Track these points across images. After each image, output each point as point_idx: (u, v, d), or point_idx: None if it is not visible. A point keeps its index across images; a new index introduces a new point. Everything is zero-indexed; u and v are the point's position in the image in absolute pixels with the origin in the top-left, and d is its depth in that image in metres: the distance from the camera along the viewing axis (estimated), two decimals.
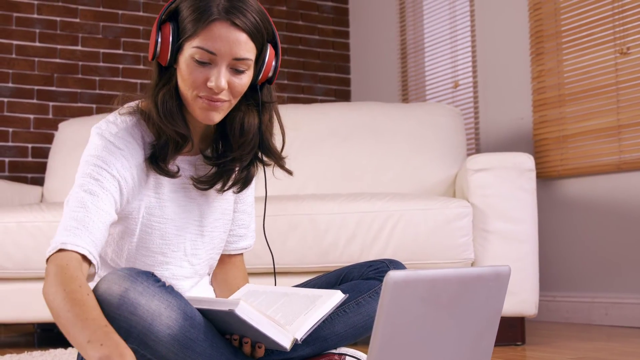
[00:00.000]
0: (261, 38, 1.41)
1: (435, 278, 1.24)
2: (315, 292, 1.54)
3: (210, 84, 1.37)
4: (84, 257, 1.34)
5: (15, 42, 3.89)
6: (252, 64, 1.42)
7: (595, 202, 3.27)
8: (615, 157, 3.17)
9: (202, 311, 1.37)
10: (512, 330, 2.58)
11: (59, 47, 3.99)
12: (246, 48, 1.38)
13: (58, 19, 4.00)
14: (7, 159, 3.84)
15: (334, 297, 1.50)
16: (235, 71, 1.39)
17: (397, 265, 1.70)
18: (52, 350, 2.56)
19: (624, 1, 3.17)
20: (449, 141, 3.19)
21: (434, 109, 3.32)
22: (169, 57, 1.39)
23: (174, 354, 1.32)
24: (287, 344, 1.39)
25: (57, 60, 3.99)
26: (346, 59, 4.72)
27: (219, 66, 1.37)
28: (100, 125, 1.46)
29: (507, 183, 2.57)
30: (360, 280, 1.67)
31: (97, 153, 1.41)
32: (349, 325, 1.62)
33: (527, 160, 2.60)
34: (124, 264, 1.52)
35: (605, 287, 3.20)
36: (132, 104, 1.50)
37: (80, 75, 4.03)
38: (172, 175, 1.47)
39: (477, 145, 3.81)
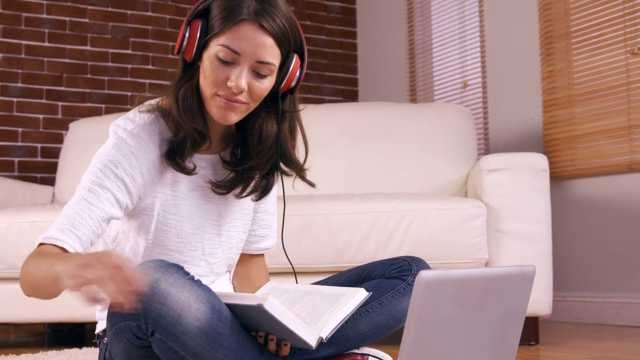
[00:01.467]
0: (287, 45, 1.42)
1: (464, 278, 1.25)
2: (339, 290, 1.54)
3: (230, 84, 1.37)
4: (63, 249, 1.33)
5: (24, 42, 3.90)
6: (275, 69, 1.42)
7: (605, 202, 3.27)
8: (626, 157, 3.18)
9: (229, 306, 1.38)
10: (526, 330, 2.58)
11: (68, 47, 4.00)
12: (271, 53, 1.38)
13: (67, 19, 4.01)
14: (16, 159, 3.85)
15: (358, 295, 1.50)
16: (257, 74, 1.39)
17: (419, 262, 1.69)
18: (66, 350, 2.57)
19: (635, 1, 3.17)
20: (460, 141, 3.19)
21: (445, 109, 3.32)
22: (194, 53, 1.40)
23: (200, 347, 1.32)
24: (313, 342, 1.39)
25: (66, 60, 3.99)
26: (354, 59, 4.72)
27: (241, 67, 1.37)
28: (118, 122, 1.47)
29: (521, 183, 2.58)
30: (383, 280, 1.67)
31: (107, 152, 1.42)
32: (372, 325, 1.62)
33: (540, 161, 2.60)
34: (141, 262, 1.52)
35: (616, 287, 3.21)
36: (153, 101, 1.50)
37: (89, 75, 4.03)
38: (188, 172, 1.47)
39: (486, 145, 3.81)
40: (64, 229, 1.34)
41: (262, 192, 1.55)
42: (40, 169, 3.89)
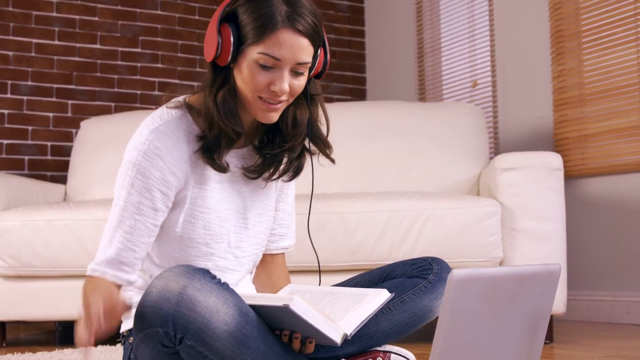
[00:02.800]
0: (318, 39, 1.45)
1: (494, 276, 1.26)
2: (361, 291, 1.55)
3: (274, 88, 1.41)
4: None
5: (34, 41, 3.90)
6: (310, 65, 1.45)
7: (616, 201, 3.28)
8: (637, 156, 3.18)
9: (253, 307, 1.38)
10: None
11: (78, 45, 4.00)
12: (307, 52, 1.42)
13: (77, 17, 4.01)
14: (26, 157, 3.85)
15: (381, 296, 1.51)
16: (295, 73, 1.43)
17: (439, 262, 1.71)
18: (81, 347, 2.57)
19: None
20: (472, 140, 3.20)
21: (457, 108, 3.33)
22: (229, 59, 1.41)
23: (230, 350, 1.33)
24: (338, 338, 1.40)
25: (76, 59, 3.99)
26: (362, 58, 4.73)
27: (282, 70, 1.41)
28: (147, 121, 1.49)
29: (536, 182, 2.58)
30: (404, 279, 1.68)
31: (136, 160, 1.44)
32: (394, 322, 1.64)
33: (555, 160, 2.61)
34: (169, 255, 1.53)
35: (627, 286, 3.21)
36: (180, 98, 1.53)
37: (99, 74, 4.04)
38: (223, 169, 1.49)
39: (496, 144, 3.82)
40: (113, 262, 1.47)
41: (295, 172, 1.60)
42: (50, 167, 3.90)
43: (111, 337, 2.90)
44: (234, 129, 1.45)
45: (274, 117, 1.46)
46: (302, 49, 1.40)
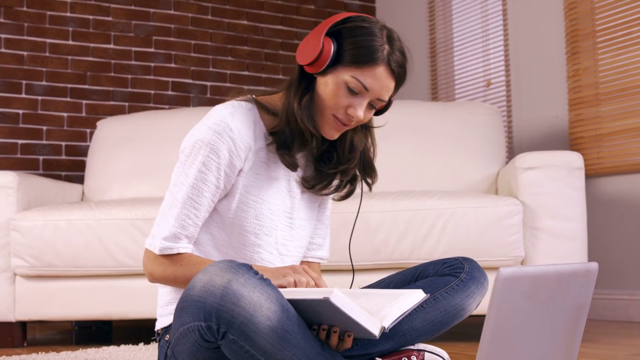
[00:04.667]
0: (400, 86, 1.56)
1: (537, 274, 1.27)
2: (397, 291, 1.56)
3: (352, 112, 1.51)
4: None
5: (48, 41, 3.91)
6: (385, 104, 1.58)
7: (632, 200, 3.29)
8: None
9: (292, 302, 1.39)
10: None
11: (91, 45, 4.01)
12: (389, 93, 1.56)
13: (91, 17, 4.02)
14: (41, 157, 3.86)
15: (416, 295, 1.52)
16: (371, 107, 1.55)
17: (470, 262, 1.73)
18: (105, 348, 2.58)
19: None
20: (489, 140, 3.20)
21: (473, 107, 3.34)
22: (321, 70, 1.51)
23: (271, 345, 1.34)
24: (376, 331, 1.40)
25: (90, 59, 4.00)
26: None
27: (364, 100, 1.52)
28: (218, 108, 1.56)
29: (557, 181, 2.59)
30: (437, 277, 1.70)
31: (212, 140, 1.50)
32: (427, 320, 1.65)
33: (576, 159, 2.61)
34: (222, 240, 1.57)
35: None
36: (247, 96, 1.62)
37: (112, 74, 4.04)
38: (294, 166, 1.57)
39: (510, 143, 3.82)
40: (189, 237, 1.54)
41: (347, 194, 1.69)
42: (65, 167, 3.90)
43: (131, 336, 2.90)
44: (311, 131, 1.53)
45: (336, 135, 1.56)
46: (388, 89, 1.52)
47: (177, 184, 1.53)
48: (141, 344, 2.64)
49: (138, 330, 3.47)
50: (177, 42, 4.21)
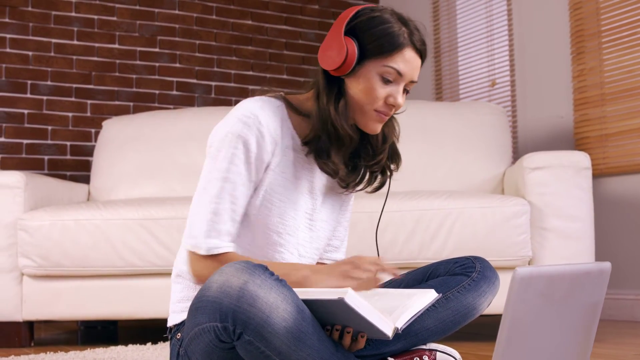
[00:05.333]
0: (424, 60, 1.58)
1: (552, 274, 1.28)
2: (409, 291, 1.56)
3: (391, 101, 1.53)
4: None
5: (53, 41, 3.91)
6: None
7: (637, 200, 3.29)
8: None
9: (305, 302, 1.39)
10: None
11: (96, 45, 4.01)
12: (419, 71, 1.56)
13: (96, 17, 4.02)
14: (46, 157, 3.86)
15: (428, 295, 1.53)
16: (405, 91, 1.56)
17: (482, 261, 1.73)
18: (112, 347, 2.58)
19: None
20: (495, 140, 3.21)
21: (479, 107, 3.34)
22: (349, 71, 1.51)
23: (286, 346, 1.34)
24: (389, 332, 1.41)
25: (95, 59, 4.00)
26: None
27: (399, 85, 1.53)
28: (246, 102, 1.54)
29: (564, 181, 2.60)
30: (448, 277, 1.70)
31: (243, 133, 1.48)
32: (439, 320, 1.65)
33: (583, 159, 2.62)
34: (246, 237, 1.56)
35: None
36: (276, 93, 1.61)
37: (117, 74, 4.05)
38: (335, 173, 1.57)
39: (515, 143, 3.83)
40: (226, 237, 1.50)
41: (379, 186, 1.69)
42: (70, 167, 3.90)
43: (138, 335, 2.90)
44: (350, 135, 1.54)
45: (380, 127, 1.56)
46: (417, 68, 1.55)
47: (211, 180, 1.49)
48: (149, 344, 2.64)
49: (144, 330, 3.47)
50: (182, 42, 4.21)
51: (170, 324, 1.61)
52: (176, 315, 1.60)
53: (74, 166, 3.91)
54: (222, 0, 4.34)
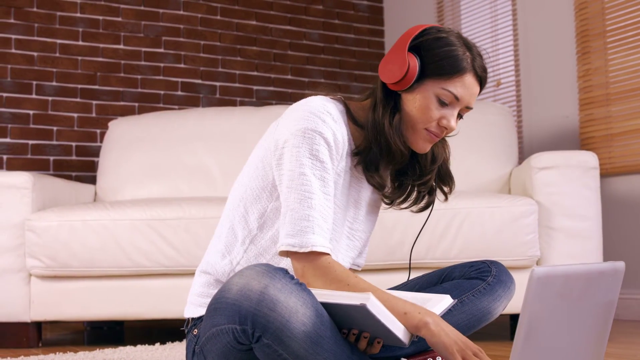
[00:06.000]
0: (483, 88, 1.57)
1: (568, 273, 1.28)
2: (425, 296, 1.56)
3: (444, 123, 1.52)
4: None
5: (58, 41, 3.91)
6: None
7: None
8: None
9: (325, 305, 1.39)
10: None
11: (101, 45, 4.01)
12: (475, 98, 1.57)
13: (100, 17, 4.02)
14: (51, 158, 3.86)
15: (445, 301, 1.53)
16: (459, 116, 1.57)
17: (497, 265, 1.73)
18: (121, 348, 2.58)
19: None
20: (501, 140, 3.21)
21: (485, 107, 3.34)
22: (408, 86, 1.50)
23: (304, 350, 1.34)
24: (406, 339, 1.41)
25: (100, 59, 4.00)
26: (381, 58, 4.73)
27: (454, 110, 1.53)
28: (311, 99, 1.53)
29: (572, 181, 2.60)
30: (463, 280, 1.70)
31: (320, 130, 1.46)
32: (453, 323, 1.65)
33: (591, 159, 2.62)
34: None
35: None
36: (338, 96, 1.60)
37: (122, 74, 4.05)
38: (383, 187, 1.57)
39: (520, 143, 3.83)
40: (325, 235, 1.45)
41: (426, 206, 1.68)
42: (75, 168, 3.91)
43: (143, 335, 2.89)
44: (401, 151, 1.53)
45: (429, 147, 1.56)
46: (475, 95, 1.54)
47: (298, 175, 1.45)
48: (157, 344, 2.64)
49: (149, 331, 3.47)
50: (187, 42, 4.21)
51: (187, 315, 1.60)
52: (194, 307, 1.59)
53: (79, 167, 3.92)
54: (227, 0, 4.34)
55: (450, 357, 1.35)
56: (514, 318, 2.78)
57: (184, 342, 2.63)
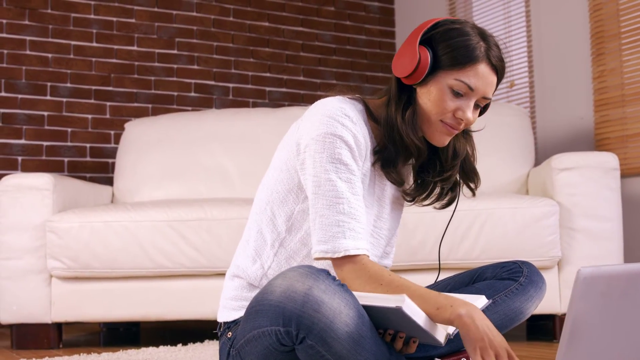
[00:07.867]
0: (500, 81, 1.53)
1: (613, 273, 1.28)
2: (459, 296, 1.57)
3: (460, 115, 1.49)
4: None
5: (73, 43, 3.92)
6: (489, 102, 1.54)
7: None
8: None
9: (363, 306, 1.40)
10: None
11: (115, 47, 4.02)
12: (492, 89, 1.52)
13: (114, 19, 4.03)
14: (66, 159, 3.87)
15: (479, 301, 1.53)
16: (476, 106, 1.53)
17: (529, 266, 1.74)
18: (144, 349, 2.59)
19: None
20: (518, 141, 3.22)
21: (502, 109, 3.35)
22: (420, 80, 1.48)
23: (346, 351, 1.35)
24: (442, 338, 1.42)
25: (114, 61, 4.01)
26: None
27: (470, 100, 1.50)
28: (329, 100, 1.51)
29: (593, 182, 2.61)
30: (496, 280, 1.71)
31: (340, 134, 1.45)
32: None
33: (612, 160, 2.63)
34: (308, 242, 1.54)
35: None
36: (355, 95, 1.58)
37: (136, 76, 4.05)
38: (401, 183, 1.55)
39: (535, 144, 3.83)
40: (360, 237, 1.45)
41: (449, 202, 1.65)
42: (89, 169, 3.91)
43: (156, 337, 2.89)
44: (416, 144, 1.51)
45: (447, 140, 1.53)
46: (492, 85, 1.50)
47: (325, 182, 1.45)
48: (179, 345, 2.65)
49: (165, 332, 3.47)
50: (200, 44, 4.22)
51: (220, 319, 1.60)
52: (227, 311, 1.59)
53: (94, 168, 3.92)
54: (239, 2, 4.35)
55: (471, 353, 1.35)
56: (530, 319, 2.79)
57: (207, 344, 2.64)
